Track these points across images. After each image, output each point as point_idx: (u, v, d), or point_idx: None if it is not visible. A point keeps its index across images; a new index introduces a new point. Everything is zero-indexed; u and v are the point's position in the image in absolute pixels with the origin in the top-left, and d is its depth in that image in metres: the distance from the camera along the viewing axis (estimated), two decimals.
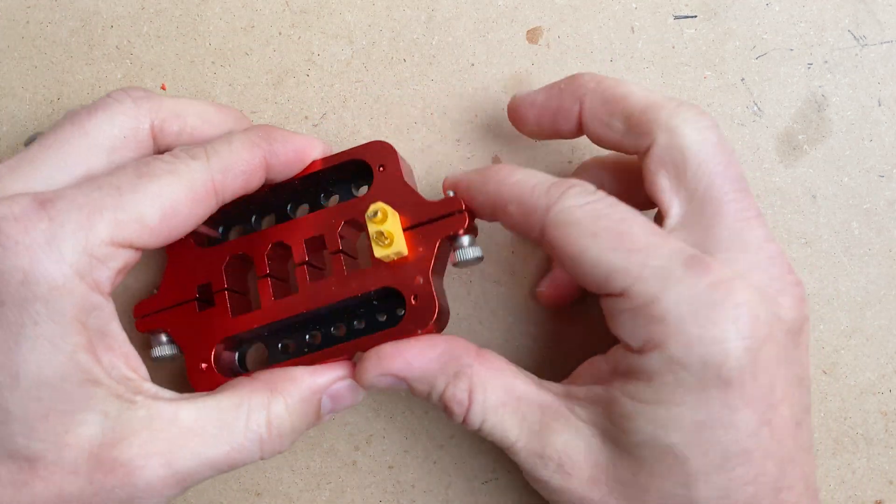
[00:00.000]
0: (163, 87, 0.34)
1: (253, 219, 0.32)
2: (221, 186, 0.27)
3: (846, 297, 0.34)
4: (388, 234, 0.27)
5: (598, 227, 0.25)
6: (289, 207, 0.32)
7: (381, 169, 0.29)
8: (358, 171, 0.31)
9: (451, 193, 0.29)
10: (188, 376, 0.30)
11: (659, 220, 0.28)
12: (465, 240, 0.28)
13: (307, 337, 0.31)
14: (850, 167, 0.34)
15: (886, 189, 0.34)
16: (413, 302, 0.28)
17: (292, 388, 0.28)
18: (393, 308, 0.30)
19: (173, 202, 0.26)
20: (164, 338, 0.31)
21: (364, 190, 0.31)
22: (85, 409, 0.25)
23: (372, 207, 0.28)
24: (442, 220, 0.28)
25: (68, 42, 0.34)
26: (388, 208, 0.28)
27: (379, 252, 0.28)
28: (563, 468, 0.26)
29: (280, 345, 0.31)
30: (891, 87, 0.34)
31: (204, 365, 0.30)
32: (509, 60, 0.34)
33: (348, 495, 0.34)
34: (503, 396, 0.27)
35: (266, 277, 0.30)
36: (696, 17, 0.34)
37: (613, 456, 0.26)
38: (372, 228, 0.28)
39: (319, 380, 0.28)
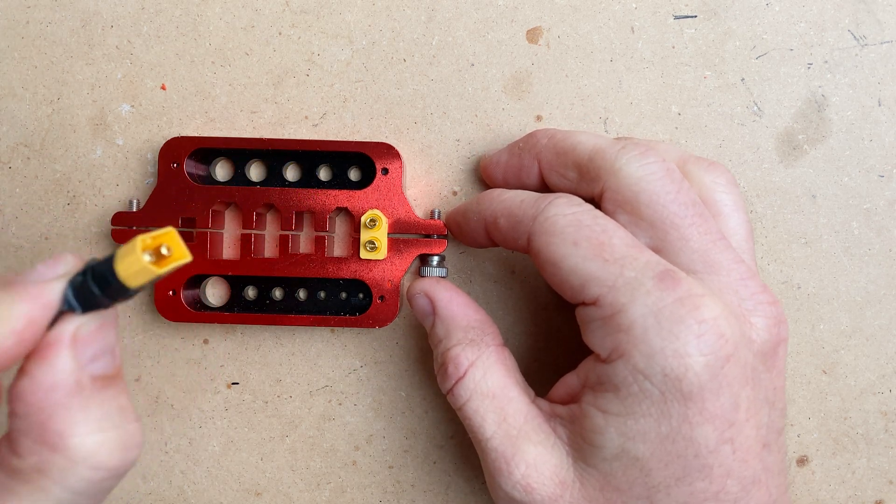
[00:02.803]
0: (163, 88, 0.34)
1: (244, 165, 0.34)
2: None
3: (846, 297, 0.34)
4: (378, 242, 0.31)
5: (579, 237, 0.26)
6: (283, 168, 0.34)
7: (384, 173, 0.32)
8: (359, 158, 0.33)
9: (437, 214, 0.32)
10: (155, 301, 0.32)
11: None
12: (436, 259, 0.33)
13: (272, 290, 0.34)
14: (850, 167, 0.34)
15: (886, 189, 0.34)
16: (379, 301, 0.32)
17: None
18: (356, 292, 0.33)
19: None
20: None
21: (357, 175, 0.33)
22: None
23: (369, 215, 0.31)
24: (424, 238, 0.32)
25: (68, 42, 0.34)
26: (383, 218, 0.31)
27: (365, 255, 0.32)
28: (528, 479, 0.26)
29: (243, 291, 0.34)
30: (891, 87, 0.34)
31: (171, 292, 0.32)
32: (509, 60, 0.34)
33: (348, 495, 0.34)
34: (496, 389, 0.28)
35: (250, 232, 0.33)
36: (696, 17, 0.34)
37: (583, 474, 0.26)
38: (365, 235, 0.32)
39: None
